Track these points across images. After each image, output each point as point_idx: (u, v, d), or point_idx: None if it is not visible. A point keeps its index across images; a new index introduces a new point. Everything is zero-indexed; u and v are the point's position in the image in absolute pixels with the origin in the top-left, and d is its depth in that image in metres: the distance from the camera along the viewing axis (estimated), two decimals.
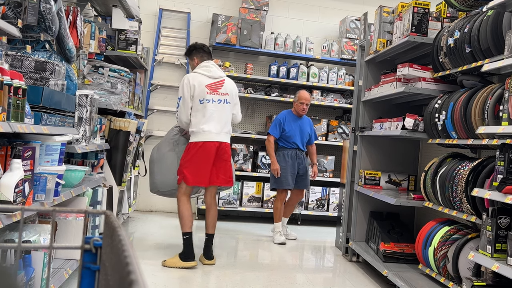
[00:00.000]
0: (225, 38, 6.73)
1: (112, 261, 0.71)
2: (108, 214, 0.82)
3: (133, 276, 0.56)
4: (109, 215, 0.82)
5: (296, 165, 5.72)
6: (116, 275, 0.65)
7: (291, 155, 5.72)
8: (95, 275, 0.82)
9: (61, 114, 3.18)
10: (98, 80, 4.65)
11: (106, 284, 0.73)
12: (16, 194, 2.39)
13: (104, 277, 0.77)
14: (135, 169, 5.93)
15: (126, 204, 5.41)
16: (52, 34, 3.29)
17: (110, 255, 0.74)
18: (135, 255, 0.63)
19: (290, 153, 5.72)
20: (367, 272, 4.56)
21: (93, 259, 0.82)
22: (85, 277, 0.82)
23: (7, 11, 2.95)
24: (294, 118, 5.80)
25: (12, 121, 2.38)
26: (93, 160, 4.16)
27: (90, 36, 4.62)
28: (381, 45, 4.58)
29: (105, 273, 0.76)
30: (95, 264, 0.82)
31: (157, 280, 3.97)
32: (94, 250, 0.82)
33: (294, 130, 5.74)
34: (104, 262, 0.79)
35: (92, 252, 0.82)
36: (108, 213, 0.82)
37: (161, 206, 6.99)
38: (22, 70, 3.03)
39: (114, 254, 0.69)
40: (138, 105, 6.36)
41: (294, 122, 5.78)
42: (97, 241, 0.82)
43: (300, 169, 5.75)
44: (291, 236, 5.93)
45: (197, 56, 4.60)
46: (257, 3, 6.96)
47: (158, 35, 7.04)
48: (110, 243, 0.75)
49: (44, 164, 2.96)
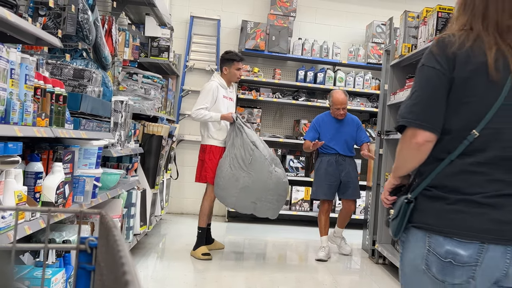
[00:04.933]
0: (254, 44, 6.88)
1: (108, 261, 0.70)
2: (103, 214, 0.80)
3: (129, 276, 0.55)
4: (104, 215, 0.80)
5: (337, 173, 5.19)
6: (111, 275, 0.65)
7: (330, 161, 5.23)
8: (90, 275, 0.81)
9: (98, 119, 3.32)
10: (132, 87, 4.83)
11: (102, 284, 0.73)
12: (57, 196, 2.50)
13: (99, 278, 0.77)
14: (167, 173, 6.10)
15: (159, 206, 5.58)
16: (89, 43, 3.44)
17: (105, 255, 0.74)
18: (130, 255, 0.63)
19: (329, 159, 5.24)
20: (393, 274, 4.62)
21: (88, 260, 0.81)
22: (80, 277, 0.81)
23: (47, 22, 3.14)
24: (332, 120, 5.29)
25: (53, 127, 2.53)
26: (128, 163, 4.32)
27: (124, 44, 4.81)
28: (406, 50, 4.65)
29: (100, 273, 0.76)
30: (90, 265, 0.81)
31: (188, 280, 4.12)
32: (90, 250, 0.81)
33: (331, 134, 5.22)
34: (99, 262, 0.79)
35: (88, 252, 0.81)
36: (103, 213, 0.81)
37: (192, 208, 7.16)
38: (62, 78, 3.18)
39: (109, 254, 0.69)
40: (170, 110, 6.55)
41: (332, 125, 5.27)
42: (92, 241, 0.81)
43: (342, 176, 5.21)
44: (343, 250, 5.42)
45: None
46: (285, 9, 7.09)
47: (189, 42, 7.24)
48: (106, 243, 0.74)
49: (82, 167, 3.06)
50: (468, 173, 1.59)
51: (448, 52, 1.61)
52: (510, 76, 1.57)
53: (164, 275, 4.22)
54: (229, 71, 4.91)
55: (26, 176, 2.33)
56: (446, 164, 1.62)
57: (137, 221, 4.49)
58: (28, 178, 2.35)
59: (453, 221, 1.57)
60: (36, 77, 2.37)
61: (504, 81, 1.57)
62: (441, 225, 1.59)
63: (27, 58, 2.22)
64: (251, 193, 4.64)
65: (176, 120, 7.09)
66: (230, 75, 4.93)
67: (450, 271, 1.57)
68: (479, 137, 1.58)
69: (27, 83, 2.22)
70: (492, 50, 1.59)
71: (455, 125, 1.62)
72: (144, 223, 4.71)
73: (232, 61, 4.89)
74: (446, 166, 1.62)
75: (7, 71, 2.05)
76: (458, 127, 1.61)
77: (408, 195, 1.67)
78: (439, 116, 1.62)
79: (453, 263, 1.56)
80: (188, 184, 7.00)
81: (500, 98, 1.57)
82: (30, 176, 2.36)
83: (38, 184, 2.39)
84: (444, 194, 1.61)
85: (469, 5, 1.68)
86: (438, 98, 1.62)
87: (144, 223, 4.73)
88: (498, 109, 1.57)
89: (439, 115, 1.62)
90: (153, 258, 4.78)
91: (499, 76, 1.57)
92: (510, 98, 1.57)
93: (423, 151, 1.63)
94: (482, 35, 1.62)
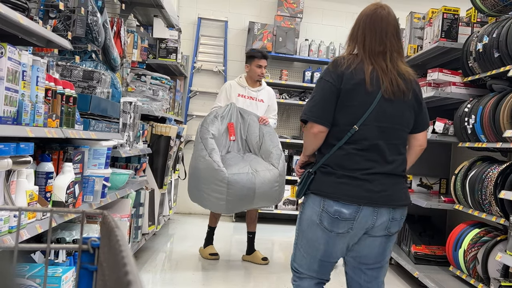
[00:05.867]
0: (261, 45, 6.91)
1: (110, 261, 0.70)
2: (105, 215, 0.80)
3: (131, 277, 0.55)
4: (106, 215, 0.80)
5: None
6: (113, 275, 0.64)
7: None
8: (92, 275, 0.81)
9: (107, 120, 3.36)
10: (140, 88, 4.88)
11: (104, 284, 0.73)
12: (67, 195, 2.54)
13: (101, 278, 0.76)
14: (175, 173, 6.15)
15: (167, 206, 5.63)
16: (98, 45, 3.48)
17: (107, 255, 0.73)
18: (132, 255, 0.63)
19: None
20: (398, 274, 4.64)
21: (90, 260, 0.81)
22: (82, 277, 0.81)
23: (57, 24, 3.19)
24: None
25: (64, 128, 2.57)
26: (136, 164, 4.36)
27: (133, 46, 4.86)
28: (411, 51, 4.67)
29: (102, 273, 0.76)
30: (92, 265, 0.81)
31: (196, 279, 4.17)
32: (92, 250, 0.81)
33: None
34: (101, 263, 0.78)
35: (90, 253, 0.81)
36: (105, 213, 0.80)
37: (199, 209, 7.17)
38: (71, 79, 3.23)
39: (111, 255, 0.69)
40: (178, 111, 6.60)
41: None
42: (94, 242, 0.81)
43: None
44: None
45: None
46: (291, 10, 7.12)
47: (197, 43, 7.29)
48: (108, 243, 0.74)
49: (92, 168, 3.10)
50: (351, 155, 2.22)
51: (339, 70, 2.25)
52: (380, 89, 2.23)
53: (172, 274, 4.27)
54: (250, 68, 4.81)
55: (37, 176, 2.38)
56: (336, 149, 2.24)
57: (146, 221, 4.54)
58: (39, 178, 2.39)
59: (340, 190, 2.21)
60: (47, 79, 2.42)
61: (377, 92, 2.22)
62: (332, 192, 2.22)
63: (38, 60, 2.27)
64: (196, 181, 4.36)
65: (184, 121, 7.14)
66: (251, 72, 4.81)
67: (337, 224, 2.22)
68: (358, 130, 2.21)
69: (39, 84, 2.27)
70: (369, 69, 2.24)
71: (342, 121, 2.24)
72: (152, 223, 4.76)
73: (253, 58, 4.80)
74: (336, 150, 2.24)
75: (19, 73, 2.10)
76: (344, 123, 2.24)
77: (310, 169, 2.30)
78: (329, 115, 2.25)
79: (339, 218, 2.21)
80: None
81: (373, 104, 2.22)
82: (41, 176, 2.40)
83: (49, 184, 2.43)
84: (334, 171, 2.23)
85: (354, 37, 2.35)
86: (329, 102, 2.25)
87: (153, 223, 4.78)
88: (371, 111, 2.21)
89: (329, 114, 2.25)
90: (162, 257, 4.83)
91: (373, 88, 2.22)
92: (380, 104, 2.22)
93: (318, 138, 2.28)
94: (363, 58, 2.27)
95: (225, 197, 4.14)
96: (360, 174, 2.20)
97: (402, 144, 2.32)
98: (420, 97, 2.35)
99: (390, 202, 2.24)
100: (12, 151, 2.01)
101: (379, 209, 2.22)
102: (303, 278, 2.45)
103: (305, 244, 2.37)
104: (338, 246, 2.30)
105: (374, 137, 2.22)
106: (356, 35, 2.34)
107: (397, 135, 2.28)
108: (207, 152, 4.26)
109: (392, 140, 2.26)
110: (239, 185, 4.13)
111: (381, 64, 2.26)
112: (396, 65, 2.29)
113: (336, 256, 2.36)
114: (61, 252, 2.65)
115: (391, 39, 2.31)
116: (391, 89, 2.24)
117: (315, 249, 2.33)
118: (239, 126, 4.62)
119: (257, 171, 4.22)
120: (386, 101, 2.23)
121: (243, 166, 4.25)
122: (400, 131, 2.29)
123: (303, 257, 2.41)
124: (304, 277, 2.42)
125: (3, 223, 2.01)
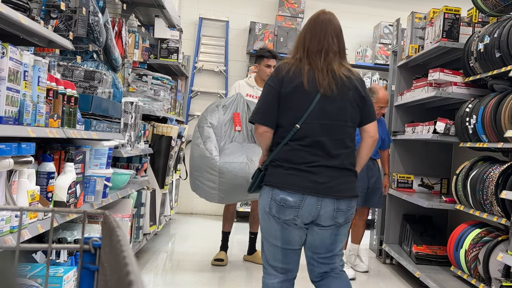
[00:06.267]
0: (262, 46, 6.90)
1: (111, 261, 0.70)
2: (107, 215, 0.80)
3: (132, 277, 0.55)
4: (107, 215, 0.80)
5: (366, 178, 4.56)
6: (115, 275, 0.64)
7: None
8: (94, 275, 0.81)
9: (108, 120, 3.36)
10: (142, 88, 4.88)
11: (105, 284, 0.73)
12: (69, 195, 2.54)
13: (103, 278, 0.76)
14: (176, 173, 6.15)
15: (168, 206, 5.63)
16: (100, 45, 3.48)
17: (109, 255, 0.73)
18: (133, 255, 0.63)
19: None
20: (400, 274, 4.64)
21: (92, 260, 0.81)
22: (84, 277, 0.81)
23: (59, 24, 3.19)
24: None
25: (65, 128, 2.57)
26: (138, 164, 4.36)
27: (134, 46, 4.86)
28: (413, 51, 4.67)
29: (104, 273, 0.76)
30: (94, 265, 0.81)
31: (197, 279, 4.17)
32: (93, 250, 0.81)
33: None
34: (103, 263, 0.78)
35: (91, 253, 0.81)
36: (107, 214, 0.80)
37: (201, 208, 7.21)
38: (73, 79, 3.22)
39: (113, 255, 0.69)
40: (179, 111, 6.60)
41: None
42: (96, 242, 0.81)
43: (371, 182, 4.63)
44: (359, 268, 4.76)
45: None
46: (293, 10, 7.12)
47: (198, 43, 7.29)
48: (109, 243, 0.74)
49: (93, 168, 3.09)
50: (296, 150, 2.42)
51: (280, 75, 2.47)
52: (318, 89, 2.41)
53: (174, 274, 4.27)
54: (259, 68, 4.70)
55: (38, 176, 2.38)
56: (282, 146, 2.45)
57: (147, 221, 4.54)
58: (41, 178, 2.40)
59: (286, 180, 2.40)
60: (49, 79, 2.42)
61: (315, 92, 2.41)
62: (279, 183, 2.42)
63: (39, 60, 2.27)
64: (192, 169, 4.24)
65: (185, 121, 7.14)
66: (260, 72, 4.70)
67: (283, 211, 2.40)
68: (300, 129, 2.41)
69: (40, 85, 2.28)
70: (306, 70, 2.44)
71: (285, 122, 2.45)
72: (153, 223, 4.76)
73: (261, 58, 4.68)
74: (282, 147, 2.44)
75: (21, 73, 2.10)
76: (287, 123, 2.44)
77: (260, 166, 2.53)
78: (272, 116, 2.47)
79: (285, 206, 2.39)
80: None
81: (312, 105, 2.41)
82: (42, 176, 2.41)
83: (50, 183, 2.44)
84: (281, 164, 2.44)
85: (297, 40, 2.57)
86: (271, 105, 2.47)
87: (154, 223, 4.79)
88: (311, 110, 2.41)
89: (273, 115, 2.47)
90: (163, 257, 4.83)
91: (310, 89, 2.41)
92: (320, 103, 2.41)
93: (264, 137, 2.50)
94: (303, 58, 2.48)
95: (217, 186, 4.04)
96: (305, 166, 2.40)
97: (347, 138, 2.47)
98: (362, 93, 2.49)
99: (334, 193, 2.40)
100: (13, 151, 2.01)
101: (323, 199, 2.38)
102: (271, 275, 2.56)
103: (266, 234, 2.53)
104: (292, 233, 2.46)
105: (317, 134, 2.41)
106: (299, 38, 2.58)
107: (340, 131, 2.45)
108: (202, 140, 4.18)
109: (335, 136, 2.43)
110: (231, 174, 4.00)
111: (317, 63, 2.46)
112: (331, 63, 2.47)
113: (295, 244, 2.50)
114: (63, 252, 2.66)
115: (328, 39, 2.50)
116: (328, 87, 2.42)
117: (274, 237, 2.49)
118: (244, 117, 4.46)
119: (252, 161, 4.03)
120: (326, 99, 2.42)
121: (238, 156, 4.10)
122: (343, 127, 2.45)
123: (268, 248, 2.54)
124: (272, 274, 2.55)
125: (4, 223, 2.02)
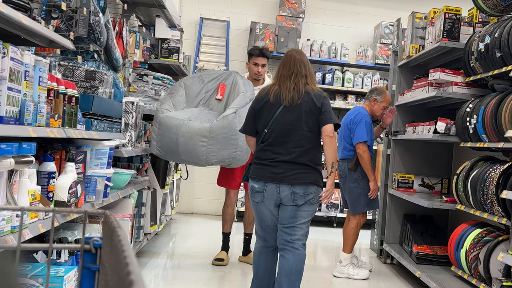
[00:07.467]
0: (263, 45, 6.90)
1: (112, 261, 0.70)
2: (107, 214, 0.80)
3: (133, 276, 0.55)
4: (108, 215, 0.80)
5: (344, 187, 4.59)
6: (115, 275, 0.65)
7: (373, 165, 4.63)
8: (95, 275, 0.81)
9: (109, 120, 3.37)
10: (142, 88, 4.89)
11: (106, 284, 0.73)
12: (70, 195, 2.55)
13: (104, 278, 0.77)
14: (177, 173, 6.15)
15: (169, 206, 5.64)
16: (101, 45, 3.49)
17: (109, 255, 0.74)
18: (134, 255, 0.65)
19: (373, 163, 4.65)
20: (400, 274, 4.64)
21: (93, 260, 0.81)
22: (85, 277, 0.81)
23: (60, 25, 3.19)
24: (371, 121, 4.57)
25: (66, 127, 2.58)
26: (138, 163, 4.37)
27: (135, 46, 4.86)
28: (413, 51, 4.67)
29: (104, 273, 0.76)
30: (95, 265, 0.81)
31: (198, 278, 4.17)
32: (94, 250, 0.81)
33: (373, 136, 4.54)
34: (103, 262, 0.79)
35: (92, 253, 0.81)
36: (107, 213, 0.80)
37: (202, 208, 7.21)
38: (74, 79, 3.23)
39: (113, 255, 0.69)
40: None
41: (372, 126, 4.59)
42: (96, 242, 0.81)
43: (345, 188, 4.59)
44: (359, 276, 4.55)
45: None
46: (293, 10, 7.12)
47: (198, 43, 7.30)
48: (110, 243, 0.74)
49: (94, 168, 3.10)
50: (263, 150, 3.21)
51: (257, 97, 3.35)
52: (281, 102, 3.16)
53: (174, 274, 4.27)
54: (249, 66, 4.69)
55: (39, 176, 2.39)
56: (258, 147, 3.25)
57: (148, 221, 4.55)
58: (42, 177, 2.40)
59: (255, 172, 3.21)
60: (49, 79, 2.42)
61: (279, 105, 3.17)
62: (252, 174, 3.22)
63: (40, 60, 2.27)
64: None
65: None
66: (249, 70, 4.69)
67: (254, 195, 3.21)
68: (267, 133, 3.19)
69: (41, 85, 2.28)
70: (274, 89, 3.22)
71: (260, 128, 3.23)
72: (154, 223, 4.77)
73: (250, 56, 4.65)
74: (258, 147, 3.24)
75: (22, 73, 2.10)
76: (260, 129, 3.23)
77: (250, 162, 3.33)
78: (252, 127, 3.28)
79: (253, 191, 3.21)
80: (198, 184, 7.06)
81: (275, 114, 3.17)
82: (43, 176, 2.41)
83: (51, 183, 2.44)
84: (255, 160, 3.24)
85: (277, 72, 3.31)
86: (251, 119, 3.28)
87: (155, 223, 4.79)
88: (275, 118, 3.16)
89: (252, 127, 3.28)
90: (164, 257, 4.84)
91: (274, 102, 3.19)
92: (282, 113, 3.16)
93: (251, 144, 3.36)
94: (275, 82, 3.28)
95: (155, 136, 4.22)
96: (267, 161, 3.17)
97: (303, 139, 3.15)
98: (318, 104, 3.15)
99: (288, 181, 3.11)
100: (14, 151, 2.02)
101: (280, 185, 3.12)
102: (257, 241, 3.37)
103: (253, 211, 3.36)
104: (263, 211, 3.23)
105: (278, 136, 3.16)
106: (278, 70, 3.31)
107: (297, 133, 3.14)
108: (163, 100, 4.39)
109: (293, 137, 3.14)
110: (165, 127, 4.11)
111: (286, 83, 3.20)
112: (298, 83, 3.19)
113: (267, 221, 3.26)
114: (63, 252, 2.66)
115: (297, 66, 3.23)
116: (291, 100, 3.15)
117: (255, 214, 3.34)
118: (229, 90, 4.41)
119: (189, 120, 4.06)
120: (286, 110, 3.16)
121: (184, 114, 4.12)
122: (299, 130, 3.14)
123: (255, 221, 3.37)
124: (257, 241, 3.37)
125: (5, 223, 2.02)
